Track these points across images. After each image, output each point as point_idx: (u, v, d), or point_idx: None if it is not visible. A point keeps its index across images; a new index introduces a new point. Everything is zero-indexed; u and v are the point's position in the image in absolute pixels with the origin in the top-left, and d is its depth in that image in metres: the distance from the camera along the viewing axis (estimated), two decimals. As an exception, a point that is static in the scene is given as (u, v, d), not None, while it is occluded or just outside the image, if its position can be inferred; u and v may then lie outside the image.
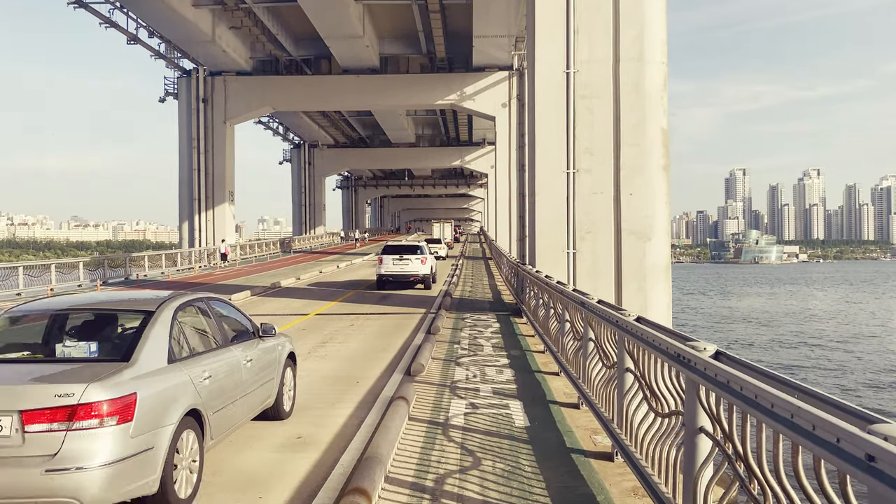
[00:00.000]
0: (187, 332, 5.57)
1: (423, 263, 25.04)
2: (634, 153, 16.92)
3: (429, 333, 13.99)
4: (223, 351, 5.93)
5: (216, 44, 41.36)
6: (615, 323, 6.15)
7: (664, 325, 5.29)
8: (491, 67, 45.75)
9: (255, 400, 6.43)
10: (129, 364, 4.69)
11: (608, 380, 6.62)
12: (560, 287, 9.99)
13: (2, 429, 4.13)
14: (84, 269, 29.37)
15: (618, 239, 16.87)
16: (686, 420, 4.17)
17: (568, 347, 9.30)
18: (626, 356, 5.89)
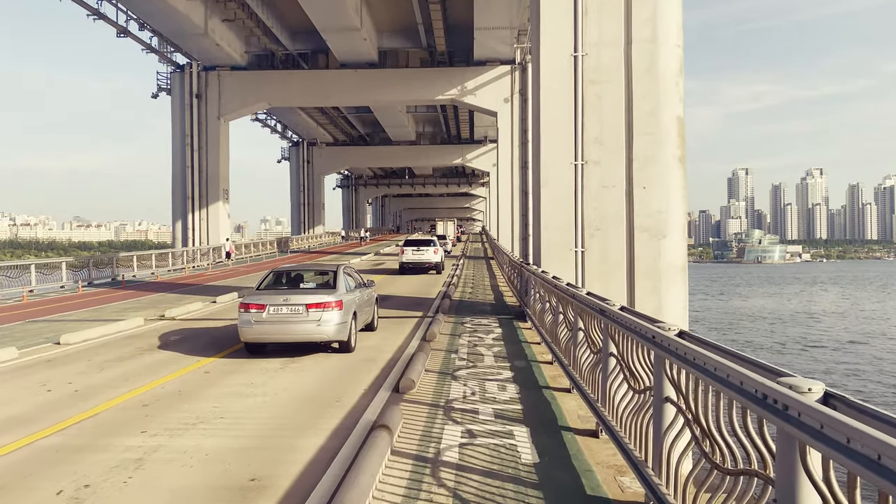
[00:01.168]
0: (349, 280, 12.51)
1: (435, 254, 32.10)
2: (648, 143, 15.60)
3: (424, 341, 12.67)
4: (358, 290, 12.80)
5: (209, 37, 40.04)
6: (651, 339, 4.83)
7: (726, 347, 3.97)
8: (493, 61, 44.40)
9: (367, 315, 13.49)
10: (335, 290, 11.58)
11: (638, 407, 5.31)
12: (572, 291, 8.66)
13: (300, 310, 11.00)
14: (67, 269, 28.08)
15: (630, 236, 15.56)
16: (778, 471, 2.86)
17: (582, 361, 7.98)
18: (666, 382, 4.59)
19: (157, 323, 16.23)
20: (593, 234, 15.63)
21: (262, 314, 11.08)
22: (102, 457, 6.13)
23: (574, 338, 8.49)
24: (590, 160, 15.67)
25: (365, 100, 48.34)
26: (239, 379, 9.56)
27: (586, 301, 7.60)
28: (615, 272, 15.58)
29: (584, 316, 8.03)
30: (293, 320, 11.09)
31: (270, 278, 12.44)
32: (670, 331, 4.71)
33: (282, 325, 11.08)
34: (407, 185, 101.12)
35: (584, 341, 8.10)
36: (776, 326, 56.85)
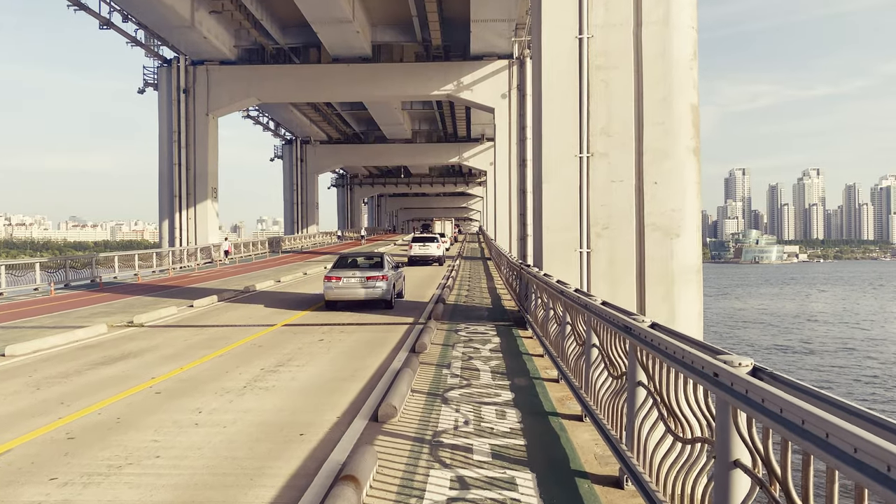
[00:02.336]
0: (389, 262, 19.43)
1: (437, 248, 38.50)
2: (659, 134, 14.25)
3: (413, 353, 11.30)
4: (394, 269, 19.30)
5: (196, 29, 38.63)
6: (710, 378, 3.46)
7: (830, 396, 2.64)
8: (490, 56, 43.06)
9: (399, 286, 19.90)
10: (382, 268, 18.47)
11: (690, 463, 3.94)
12: (584, 300, 7.28)
13: (362, 280, 17.83)
14: (41, 270, 26.63)
15: (640, 236, 14.20)
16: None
17: (597, 384, 6.63)
18: (733, 432, 3.24)
19: (123, 330, 14.83)
20: (600, 233, 14.27)
21: (340, 283, 17.84)
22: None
23: (587, 356, 7.12)
24: (596, 152, 14.31)
25: (358, 95, 46.93)
26: (192, 403, 8.17)
27: (604, 314, 6.24)
28: (624, 275, 14.23)
29: (600, 330, 6.67)
30: (358, 287, 17.78)
31: (338, 261, 19.31)
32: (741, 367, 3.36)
33: (350, 289, 17.85)
34: (403, 185, 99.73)
35: (599, 360, 6.76)
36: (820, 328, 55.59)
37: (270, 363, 10.63)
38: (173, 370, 10.20)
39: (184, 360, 11.09)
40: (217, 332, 14.36)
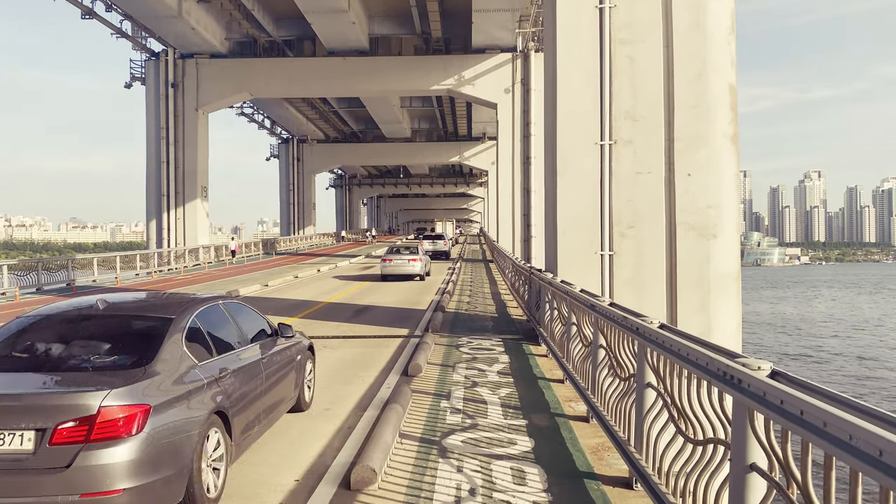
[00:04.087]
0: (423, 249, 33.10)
1: (444, 245, 45.04)
2: (693, 118, 12.33)
3: (405, 376, 9.37)
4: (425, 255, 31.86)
5: (183, 20, 36.69)
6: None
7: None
8: (492, 49, 41.12)
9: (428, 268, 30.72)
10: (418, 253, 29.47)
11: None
12: (636, 322, 5.33)
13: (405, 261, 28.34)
14: (10, 273, 24.69)
15: (671, 236, 12.27)
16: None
17: (650, 432, 4.76)
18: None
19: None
20: (624, 233, 12.34)
21: (391, 263, 27.84)
22: None
23: (639, 398, 5.19)
24: (620, 139, 12.38)
25: (354, 90, 45.00)
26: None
27: (676, 348, 4.30)
28: (652, 282, 12.29)
29: (662, 367, 4.75)
30: (404, 265, 27.55)
31: (388, 250, 29.36)
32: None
33: (398, 266, 27.49)
34: (402, 185, 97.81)
35: (659, 406, 4.85)
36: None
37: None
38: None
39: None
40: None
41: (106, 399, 4.09)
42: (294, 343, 7.17)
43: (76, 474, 3.93)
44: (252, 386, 5.75)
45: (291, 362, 6.97)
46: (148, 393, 4.33)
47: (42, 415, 4.02)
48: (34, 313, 5.49)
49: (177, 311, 5.41)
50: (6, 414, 4.04)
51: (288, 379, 6.81)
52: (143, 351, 4.79)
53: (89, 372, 4.59)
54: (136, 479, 4.07)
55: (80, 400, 4.07)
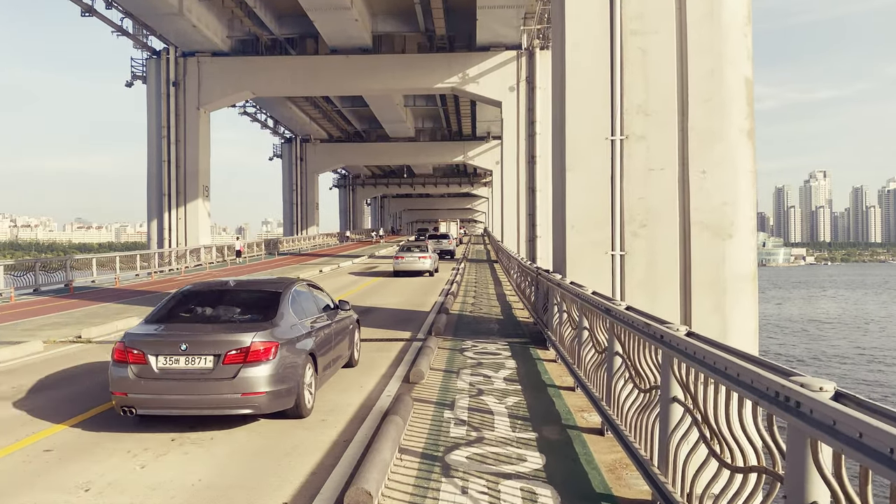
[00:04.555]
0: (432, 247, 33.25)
1: (449, 245, 45.14)
2: (707, 112, 11.80)
3: (406, 383, 8.87)
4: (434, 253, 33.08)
5: (185, 17, 36.25)
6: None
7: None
8: (497, 46, 40.61)
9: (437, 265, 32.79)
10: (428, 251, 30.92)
11: None
12: (660, 330, 4.81)
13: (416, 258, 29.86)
14: (6, 273, 24.27)
15: (685, 236, 11.75)
16: None
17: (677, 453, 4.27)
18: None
19: (63, 348, 12.42)
20: (637, 232, 11.81)
21: (403, 260, 29.44)
22: None
23: (663, 414, 4.68)
24: (632, 134, 11.86)
25: (357, 88, 44.53)
26: (85, 472, 5.75)
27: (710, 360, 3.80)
28: (665, 283, 11.76)
29: (692, 381, 4.24)
30: (415, 262, 29.28)
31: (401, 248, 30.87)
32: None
33: (409, 263, 29.04)
34: (406, 185, 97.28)
35: (688, 423, 4.36)
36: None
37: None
38: (80, 414, 7.77)
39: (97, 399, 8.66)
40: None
41: (254, 338, 6.69)
42: (349, 315, 9.79)
43: (239, 381, 6.52)
44: (327, 340, 8.30)
45: (347, 329, 9.50)
46: (276, 336, 6.89)
47: (217, 346, 6.62)
48: (189, 288, 8.08)
49: (281, 287, 8.03)
50: (196, 345, 6.62)
51: (346, 340, 9.40)
52: (268, 311, 7.36)
53: (240, 323, 7.21)
54: (272, 386, 6.64)
55: (240, 338, 6.68)
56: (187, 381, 6.51)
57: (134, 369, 6.58)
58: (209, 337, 6.74)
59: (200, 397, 6.50)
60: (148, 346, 6.65)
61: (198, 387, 6.47)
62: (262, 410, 6.67)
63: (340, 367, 9.19)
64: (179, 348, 6.57)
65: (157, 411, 6.68)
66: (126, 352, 6.66)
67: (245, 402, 6.53)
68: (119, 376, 6.63)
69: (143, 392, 6.52)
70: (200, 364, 6.53)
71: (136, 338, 6.80)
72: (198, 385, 6.47)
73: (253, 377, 6.52)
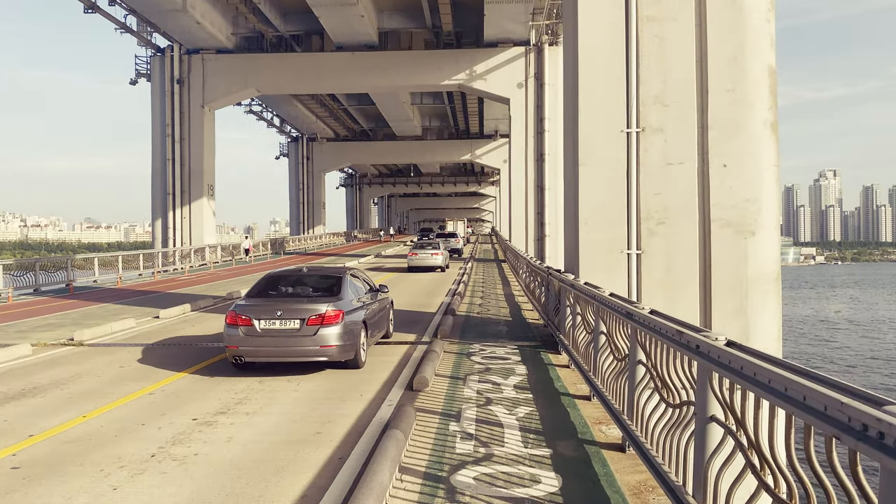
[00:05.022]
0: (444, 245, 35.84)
1: (457, 243, 45.31)
2: (728, 103, 11.17)
3: (409, 391, 8.29)
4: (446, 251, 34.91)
5: (188, 14, 35.78)
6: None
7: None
8: (505, 42, 39.99)
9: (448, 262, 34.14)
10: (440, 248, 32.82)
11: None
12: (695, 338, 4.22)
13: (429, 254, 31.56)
14: (4, 273, 23.83)
15: (705, 233, 11.12)
16: None
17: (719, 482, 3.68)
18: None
19: (53, 351, 11.89)
20: (654, 230, 11.19)
21: (416, 256, 31.29)
22: None
23: (699, 435, 4.08)
24: (648, 127, 11.23)
25: (363, 85, 43.97)
26: (54, 493, 5.19)
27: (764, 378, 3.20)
28: (684, 284, 11.13)
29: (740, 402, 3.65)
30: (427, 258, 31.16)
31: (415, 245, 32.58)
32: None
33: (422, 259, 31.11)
34: (413, 184, 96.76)
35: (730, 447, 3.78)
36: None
37: (211, 408, 7.64)
38: (70, 420, 7.23)
39: (97, 400, 8.13)
40: (174, 351, 11.40)
41: (327, 307, 9.14)
42: (386, 296, 12.21)
43: (318, 337, 8.96)
44: (373, 313, 10.74)
45: (385, 307, 12.03)
46: (341, 306, 9.31)
47: (302, 313, 9.08)
48: (274, 272, 11.00)
49: (341, 272, 10.78)
50: (287, 312, 9.08)
51: (385, 316, 11.91)
52: (333, 289, 9.92)
53: (315, 297, 9.78)
54: (340, 341, 9.09)
55: (317, 307, 9.15)
56: (281, 338, 9.13)
57: (242, 330, 9.13)
58: (296, 306, 9.32)
59: (291, 349, 9.13)
60: (253, 313, 9.21)
61: (289, 341, 9.08)
62: (333, 359, 9.25)
63: (379, 337, 11.54)
64: (276, 314, 9.16)
65: (259, 360, 9.35)
66: (237, 317, 9.22)
67: (322, 352, 9.11)
68: (231, 334, 9.21)
69: (250, 346, 9.08)
70: (291, 325, 9.07)
71: (244, 307, 9.41)
72: (289, 340, 9.07)
73: (327, 334, 9.06)
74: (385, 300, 11.96)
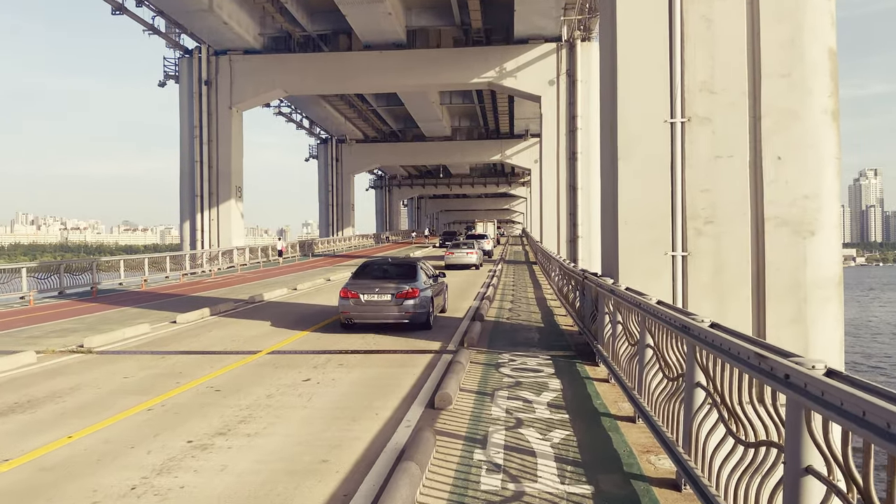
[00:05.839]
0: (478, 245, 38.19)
1: (487, 245, 44.69)
2: (784, 89, 10.13)
3: (430, 409, 7.45)
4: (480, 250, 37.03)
5: (215, 14, 35.48)
6: None
7: None
8: (535, 39, 39.00)
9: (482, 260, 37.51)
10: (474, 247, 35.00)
11: None
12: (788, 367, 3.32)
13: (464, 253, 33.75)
14: (29, 276, 23.59)
15: (758, 233, 10.10)
16: None
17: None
18: None
19: (59, 359, 11.30)
20: (701, 229, 10.19)
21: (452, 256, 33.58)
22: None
23: (791, 487, 3.17)
24: (694, 116, 10.25)
25: (391, 84, 43.31)
26: None
27: None
28: (735, 289, 10.12)
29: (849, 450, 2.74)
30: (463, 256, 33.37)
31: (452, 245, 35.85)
32: None
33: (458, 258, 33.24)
34: (443, 186, 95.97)
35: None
36: None
37: (211, 428, 6.89)
38: (54, 441, 6.54)
39: (91, 416, 7.45)
40: (177, 363, 10.72)
41: (408, 286, 13.47)
42: (443, 281, 16.50)
43: (403, 306, 13.31)
44: (436, 292, 14.79)
45: (442, 289, 16.23)
46: (417, 286, 13.56)
47: (392, 290, 13.41)
48: (368, 261, 15.53)
49: (415, 262, 15.38)
50: (382, 289, 13.46)
51: (442, 294, 16.12)
52: (410, 273, 14.22)
53: (399, 279, 13.88)
54: (418, 310, 13.40)
55: (402, 286, 13.47)
56: (379, 306, 13.32)
57: (352, 301, 13.36)
58: (387, 285, 13.50)
59: (385, 314, 13.33)
60: (359, 289, 13.46)
61: (383, 309, 13.27)
62: (413, 322, 13.35)
63: (438, 311, 15.47)
64: (374, 290, 13.38)
65: (363, 321, 13.49)
66: (348, 292, 13.45)
67: (405, 316, 13.26)
68: (345, 304, 13.45)
69: (357, 311, 13.33)
70: (384, 298, 13.25)
71: (352, 285, 13.66)
72: (383, 308, 13.25)
73: (409, 304, 13.23)
74: (443, 283, 16.33)
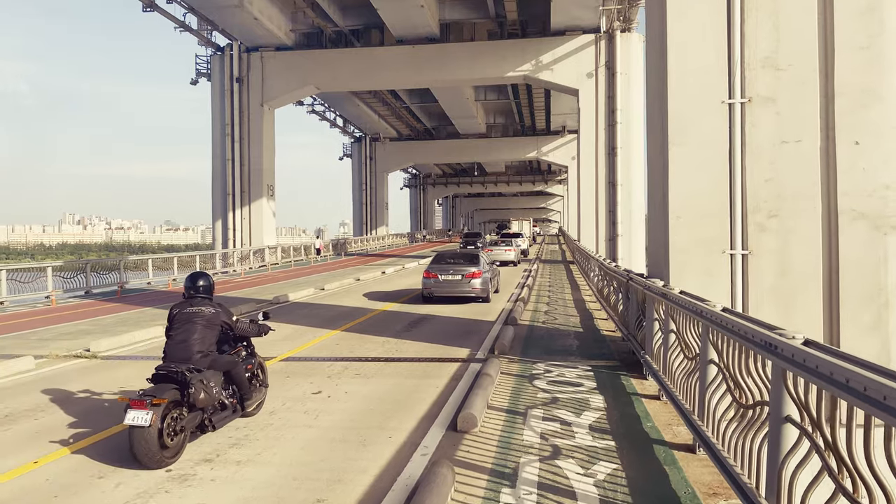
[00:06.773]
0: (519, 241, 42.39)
1: (523, 243, 44.07)
2: (861, 65, 8.84)
3: (452, 431, 6.42)
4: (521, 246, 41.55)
5: (245, 9, 34.96)
6: None
7: None
8: (573, 30, 37.62)
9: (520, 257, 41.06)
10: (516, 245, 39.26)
11: None
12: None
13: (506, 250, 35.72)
14: (55, 275, 23.22)
15: (831, 228, 8.82)
16: None
17: None
18: None
19: (59, 365, 10.56)
20: (764, 224, 8.96)
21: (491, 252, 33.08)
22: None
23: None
24: (756, 96, 9.01)
25: (424, 80, 42.32)
26: None
27: None
28: (803, 291, 8.86)
29: None
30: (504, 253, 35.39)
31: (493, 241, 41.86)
32: None
33: (500, 255, 34.58)
34: (478, 184, 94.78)
35: None
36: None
37: (196, 454, 5.96)
38: (16, 468, 5.70)
39: (68, 435, 6.59)
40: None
41: (474, 269, 18.61)
42: (497, 269, 22.45)
43: (471, 284, 18.31)
44: (492, 276, 20.13)
45: (496, 274, 21.23)
46: (480, 269, 18.74)
47: (462, 271, 18.51)
48: (441, 251, 21.92)
49: (478, 252, 21.86)
50: (454, 271, 18.53)
51: (496, 279, 20.81)
52: (475, 260, 19.27)
53: (466, 264, 19.01)
54: (481, 286, 18.40)
55: (469, 269, 18.59)
56: (452, 284, 17.98)
57: (432, 280, 18.13)
58: (458, 268, 18.24)
59: (457, 289, 17.94)
60: (437, 271, 18.30)
61: (456, 286, 17.91)
62: (478, 296, 18.12)
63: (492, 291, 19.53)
64: (449, 272, 18.13)
65: (441, 295, 18.01)
66: (430, 273, 18.27)
67: (472, 291, 17.99)
68: (427, 282, 18.21)
69: (436, 287, 18.03)
70: (456, 278, 17.95)
71: (433, 268, 18.58)
72: (456, 285, 17.89)
73: (475, 283, 17.99)
74: (497, 270, 21.46)
